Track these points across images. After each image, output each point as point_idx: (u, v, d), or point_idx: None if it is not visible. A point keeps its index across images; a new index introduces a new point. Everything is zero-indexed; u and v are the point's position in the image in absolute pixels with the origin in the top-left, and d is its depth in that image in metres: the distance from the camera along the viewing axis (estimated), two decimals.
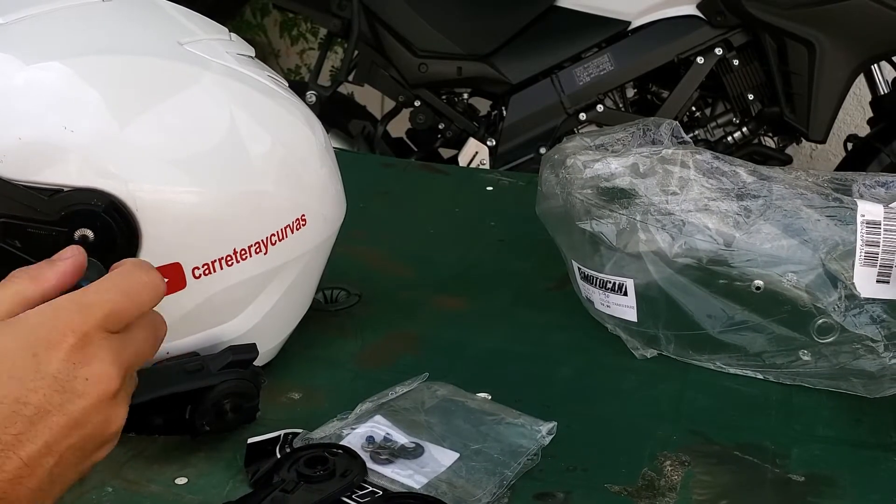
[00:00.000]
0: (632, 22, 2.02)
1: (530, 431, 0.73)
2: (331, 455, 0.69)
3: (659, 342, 0.84)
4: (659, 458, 0.72)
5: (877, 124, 2.14)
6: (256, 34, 3.18)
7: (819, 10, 1.90)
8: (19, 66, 0.66)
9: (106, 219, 0.66)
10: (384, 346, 0.87)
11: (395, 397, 0.77)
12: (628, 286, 0.82)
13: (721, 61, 2.03)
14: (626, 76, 2.06)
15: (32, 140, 0.64)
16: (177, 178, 0.69)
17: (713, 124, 2.12)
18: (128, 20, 0.73)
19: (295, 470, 0.67)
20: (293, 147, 0.77)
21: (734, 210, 0.79)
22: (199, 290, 0.71)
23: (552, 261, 0.93)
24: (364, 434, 0.72)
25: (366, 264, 1.01)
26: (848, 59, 1.94)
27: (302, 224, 0.76)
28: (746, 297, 0.78)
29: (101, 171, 0.66)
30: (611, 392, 0.81)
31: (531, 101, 2.07)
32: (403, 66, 2.06)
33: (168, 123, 0.69)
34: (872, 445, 0.74)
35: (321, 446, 0.70)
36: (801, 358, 0.79)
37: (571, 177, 0.85)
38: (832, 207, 0.78)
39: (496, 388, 0.80)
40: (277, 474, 0.68)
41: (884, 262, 0.75)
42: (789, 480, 0.70)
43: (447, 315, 0.93)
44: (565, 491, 0.69)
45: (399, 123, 2.25)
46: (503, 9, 2.04)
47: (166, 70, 0.71)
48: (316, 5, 2.09)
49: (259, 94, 0.75)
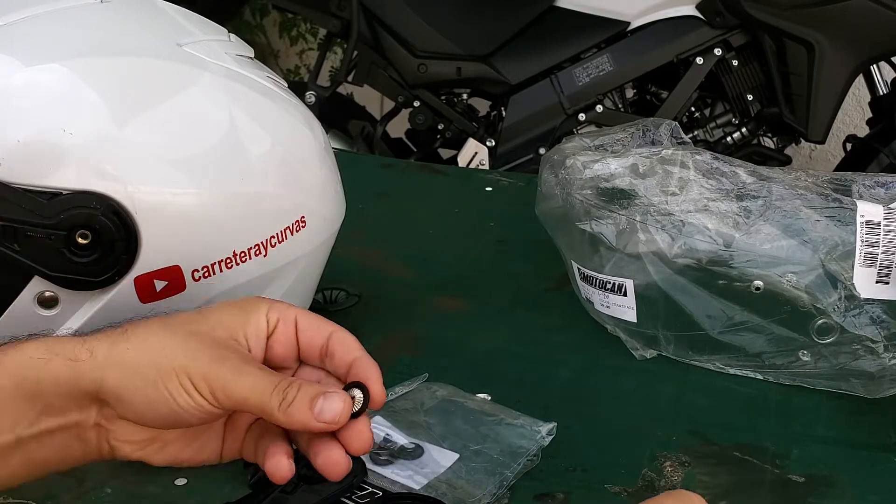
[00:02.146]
0: (631, 22, 2.02)
1: (530, 432, 0.73)
2: None
3: (658, 343, 0.84)
4: (659, 458, 0.72)
5: (876, 125, 2.15)
6: (256, 35, 3.18)
7: (818, 11, 1.90)
8: (18, 68, 0.66)
9: (105, 221, 0.66)
10: (383, 346, 0.87)
11: (395, 398, 0.77)
12: (628, 287, 0.82)
13: (720, 62, 2.04)
14: (626, 77, 2.06)
15: (31, 142, 0.64)
16: (176, 180, 0.68)
17: (712, 125, 2.12)
18: (126, 21, 0.73)
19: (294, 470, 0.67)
20: (292, 148, 0.77)
21: (734, 210, 0.79)
22: (198, 293, 0.71)
23: (551, 261, 0.93)
24: None
25: (365, 265, 1.01)
26: (847, 59, 1.94)
27: (301, 225, 0.76)
28: (746, 297, 0.78)
29: (99, 172, 0.66)
30: (610, 393, 0.81)
31: (530, 101, 2.07)
32: (403, 67, 2.06)
33: (167, 125, 0.69)
34: (872, 446, 0.74)
35: None
36: (801, 358, 0.79)
37: (571, 177, 0.85)
38: (832, 208, 0.78)
39: (496, 389, 0.79)
40: None
41: (883, 263, 0.75)
42: (789, 481, 0.70)
43: (446, 315, 0.93)
44: (565, 491, 0.69)
45: (398, 124, 2.25)
46: (502, 9, 2.04)
47: (165, 71, 0.71)
48: (315, 6, 2.09)
49: (258, 95, 0.75)
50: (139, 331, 0.56)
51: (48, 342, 0.55)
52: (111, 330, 0.57)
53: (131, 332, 0.56)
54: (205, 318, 0.58)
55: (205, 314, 0.59)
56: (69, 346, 0.55)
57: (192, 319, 0.58)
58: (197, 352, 0.55)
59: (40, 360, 0.54)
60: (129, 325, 0.57)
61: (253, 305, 0.59)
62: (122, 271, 0.67)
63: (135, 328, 0.56)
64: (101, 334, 0.56)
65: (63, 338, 0.57)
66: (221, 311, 0.59)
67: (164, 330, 0.57)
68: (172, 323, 0.57)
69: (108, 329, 0.57)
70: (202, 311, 0.59)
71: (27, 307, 0.67)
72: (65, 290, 0.67)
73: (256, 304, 0.60)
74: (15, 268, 0.65)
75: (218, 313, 0.59)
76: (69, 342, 0.55)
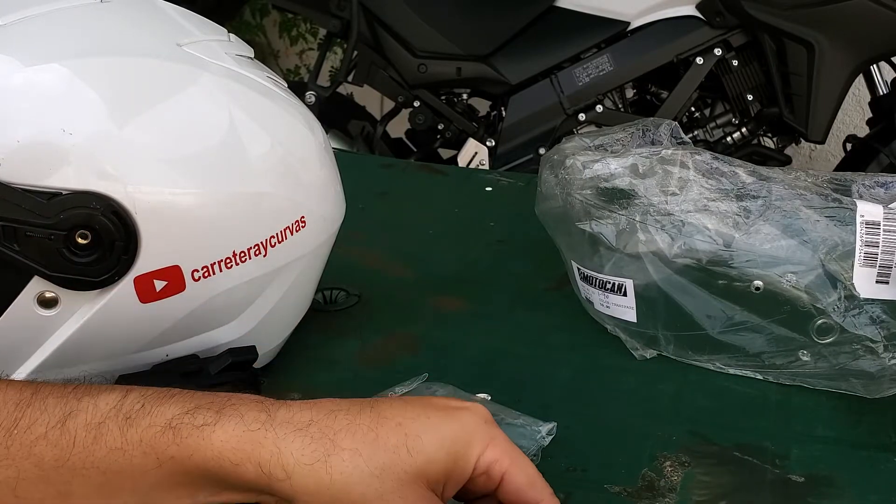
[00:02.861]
0: (631, 22, 2.03)
1: (530, 432, 0.73)
2: None
3: (658, 343, 0.84)
4: (659, 458, 0.72)
5: (876, 125, 2.15)
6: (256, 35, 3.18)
7: (818, 11, 1.90)
8: (17, 68, 0.66)
9: (105, 221, 0.65)
10: (383, 346, 0.87)
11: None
12: (628, 287, 0.82)
13: (720, 62, 2.04)
14: (626, 77, 2.06)
15: (30, 142, 0.64)
16: (175, 180, 0.68)
17: (712, 125, 2.12)
18: (126, 21, 0.73)
19: None
20: (292, 148, 0.77)
21: (734, 210, 0.79)
22: (198, 293, 0.71)
23: (551, 261, 0.93)
24: None
25: (365, 265, 1.01)
26: (847, 59, 1.94)
27: (301, 226, 0.76)
28: (746, 297, 0.78)
29: (99, 173, 0.66)
30: (610, 393, 0.81)
31: (530, 101, 2.07)
32: (403, 67, 2.06)
33: (167, 125, 0.69)
34: (872, 446, 0.74)
35: None
36: (801, 358, 0.79)
37: (571, 177, 0.85)
38: (832, 208, 0.78)
39: (496, 389, 0.79)
40: None
41: (883, 263, 0.75)
42: (789, 481, 0.70)
43: (446, 315, 0.93)
44: (565, 492, 0.69)
45: (398, 124, 2.25)
46: (502, 9, 2.05)
47: (165, 71, 0.71)
48: (315, 6, 2.09)
49: (258, 95, 0.75)
50: (344, 458, 0.51)
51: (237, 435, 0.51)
52: (306, 432, 0.51)
53: (335, 452, 0.51)
54: (418, 451, 0.52)
55: (416, 443, 0.52)
56: (259, 449, 0.50)
57: (403, 449, 0.52)
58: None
59: (230, 463, 0.51)
60: (329, 434, 0.51)
61: (466, 449, 0.54)
62: (122, 271, 0.67)
63: (339, 446, 0.51)
64: (298, 437, 0.51)
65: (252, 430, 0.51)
66: (434, 444, 0.53)
67: (373, 469, 0.51)
68: (381, 454, 0.51)
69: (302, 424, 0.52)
70: (413, 436, 0.52)
71: (27, 307, 0.67)
72: (65, 290, 0.67)
73: (470, 447, 0.54)
74: (15, 268, 0.65)
75: (431, 448, 0.52)
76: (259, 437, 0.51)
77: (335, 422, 0.52)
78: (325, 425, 0.52)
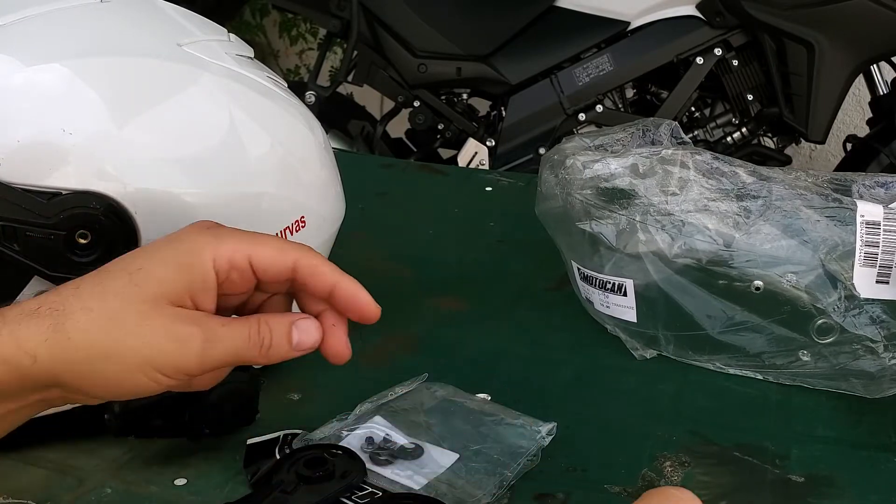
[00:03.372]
0: (631, 22, 2.03)
1: (530, 432, 0.73)
2: (330, 456, 0.69)
3: (658, 343, 0.84)
4: (659, 458, 0.72)
5: (876, 125, 2.15)
6: (256, 35, 3.18)
7: (818, 11, 1.90)
8: (17, 68, 0.66)
9: (105, 221, 0.66)
10: (383, 346, 0.87)
11: (395, 398, 0.77)
12: (628, 287, 0.82)
13: (720, 62, 2.04)
14: (626, 77, 2.06)
15: (30, 142, 0.64)
16: (175, 180, 0.68)
17: (712, 125, 2.12)
18: (126, 21, 0.73)
19: (294, 471, 0.67)
20: (292, 148, 0.77)
21: (734, 210, 0.79)
22: None
23: (551, 261, 0.93)
24: (363, 435, 0.72)
25: (365, 265, 1.01)
26: (847, 59, 1.94)
27: (301, 226, 0.76)
28: (746, 297, 0.78)
29: (99, 172, 0.66)
30: (610, 392, 0.81)
31: (530, 101, 2.07)
32: (403, 67, 2.06)
33: (167, 125, 0.69)
34: (872, 446, 0.74)
35: (320, 447, 0.70)
36: (801, 358, 0.79)
37: (571, 177, 0.85)
38: (832, 208, 0.78)
39: (496, 389, 0.79)
40: (277, 475, 0.67)
41: (883, 263, 0.75)
42: (789, 481, 0.70)
43: (446, 315, 0.93)
44: (565, 492, 0.69)
45: (398, 124, 2.25)
46: (502, 9, 2.05)
47: (165, 71, 0.71)
48: (315, 6, 2.09)
49: (258, 95, 0.75)
50: (78, 318, 0.51)
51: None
52: (35, 313, 0.51)
53: (66, 318, 0.51)
54: (145, 279, 0.53)
55: (141, 273, 0.53)
56: (3, 348, 0.51)
57: (130, 286, 0.52)
58: (152, 337, 0.51)
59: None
60: (57, 306, 0.52)
61: (194, 257, 0.54)
62: None
63: (69, 311, 0.51)
64: (29, 320, 0.51)
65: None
66: (159, 266, 0.54)
67: (107, 314, 0.51)
68: (111, 299, 0.52)
69: (31, 311, 0.52)
70: (135, 270, 0.53)
71: None
72: None
73: (198, 254, 0.54)
74: (15, 268, 0.65)
75: (157, 270, 0.53)
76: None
77: (60, 295, 0.53)
78: (52, 301, 0.52)
